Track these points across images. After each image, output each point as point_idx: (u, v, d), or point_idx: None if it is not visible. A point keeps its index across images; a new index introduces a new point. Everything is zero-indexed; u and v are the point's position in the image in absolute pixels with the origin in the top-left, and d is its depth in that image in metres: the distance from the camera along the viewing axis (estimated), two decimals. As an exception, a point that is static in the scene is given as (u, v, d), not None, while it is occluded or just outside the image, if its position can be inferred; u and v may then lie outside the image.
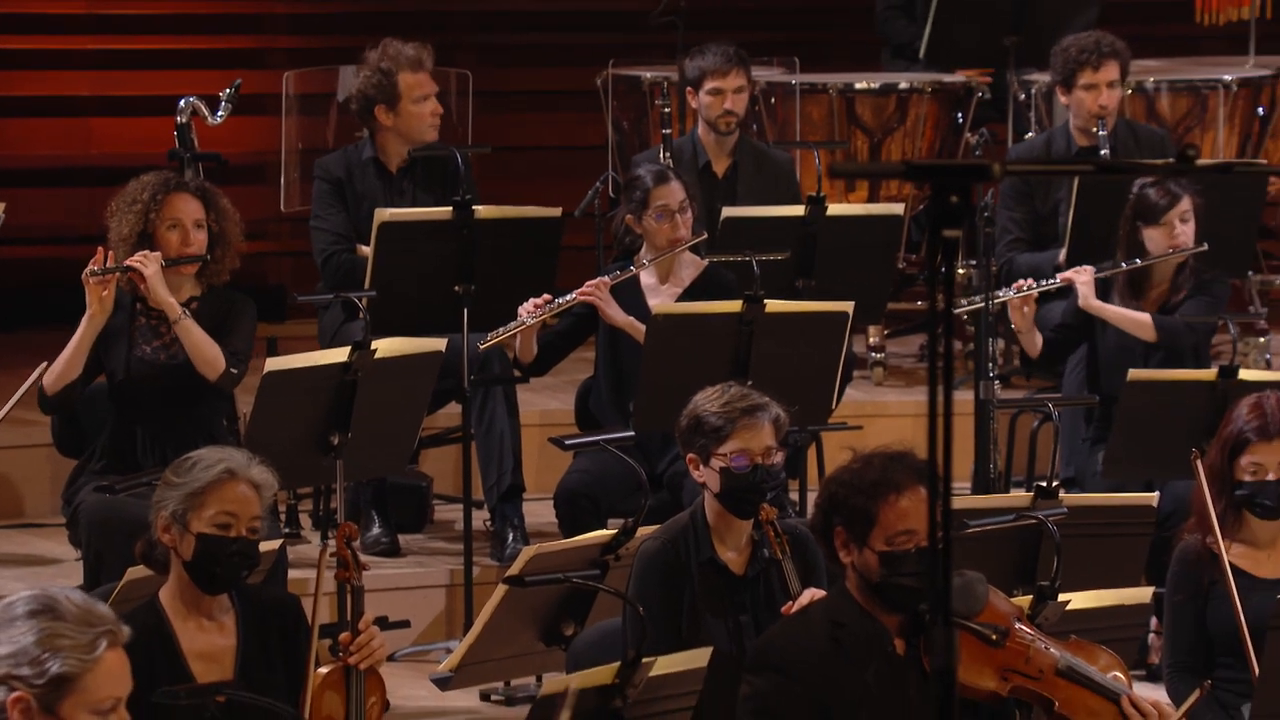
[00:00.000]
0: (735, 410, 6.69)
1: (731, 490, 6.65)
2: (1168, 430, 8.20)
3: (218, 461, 6.03)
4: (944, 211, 3.69)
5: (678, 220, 8.79)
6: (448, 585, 8.96)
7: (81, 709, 4.89)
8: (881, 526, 5.63)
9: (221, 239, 8.26)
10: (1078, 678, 5.69)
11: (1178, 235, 8.98)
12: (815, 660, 5.64)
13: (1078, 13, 10.79)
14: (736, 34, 10.33)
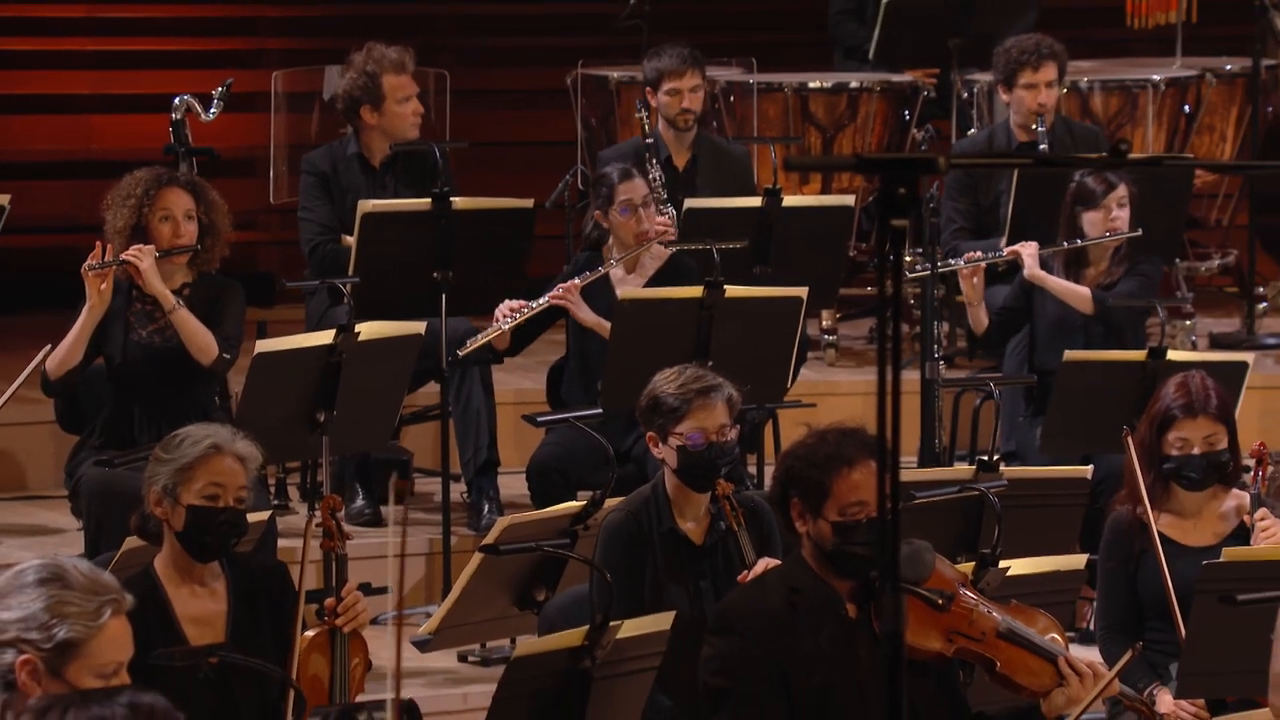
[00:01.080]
0: (691, 391, 6.70)
1: (688, 466, 6.66)
2: (1101, 408, 8.20)
3: (204, 438, 6.03)
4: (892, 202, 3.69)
5: (641, 214, 8.79)
6: (427, 553, 8.94)
7: (86, 672, 4.89)
8: (834, 498, 5.63)
9: (211, 230, 8.25)
10: (1018, 639, 5.69)
11: (1114, 219, 9.01)
12: (773, 623, 5.63)
13: (1017, 17, 10.79)
14: (697, 36, 10.32)
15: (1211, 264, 11.27)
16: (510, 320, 8.66)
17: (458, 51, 12.16)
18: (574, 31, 12.06)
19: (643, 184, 8.84)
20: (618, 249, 8.84)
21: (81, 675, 4.94)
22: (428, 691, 7.90)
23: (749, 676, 5.59)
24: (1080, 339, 8.92)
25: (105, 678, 4.93)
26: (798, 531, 5.70)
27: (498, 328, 8.67)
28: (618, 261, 8.82)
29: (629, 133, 10.71)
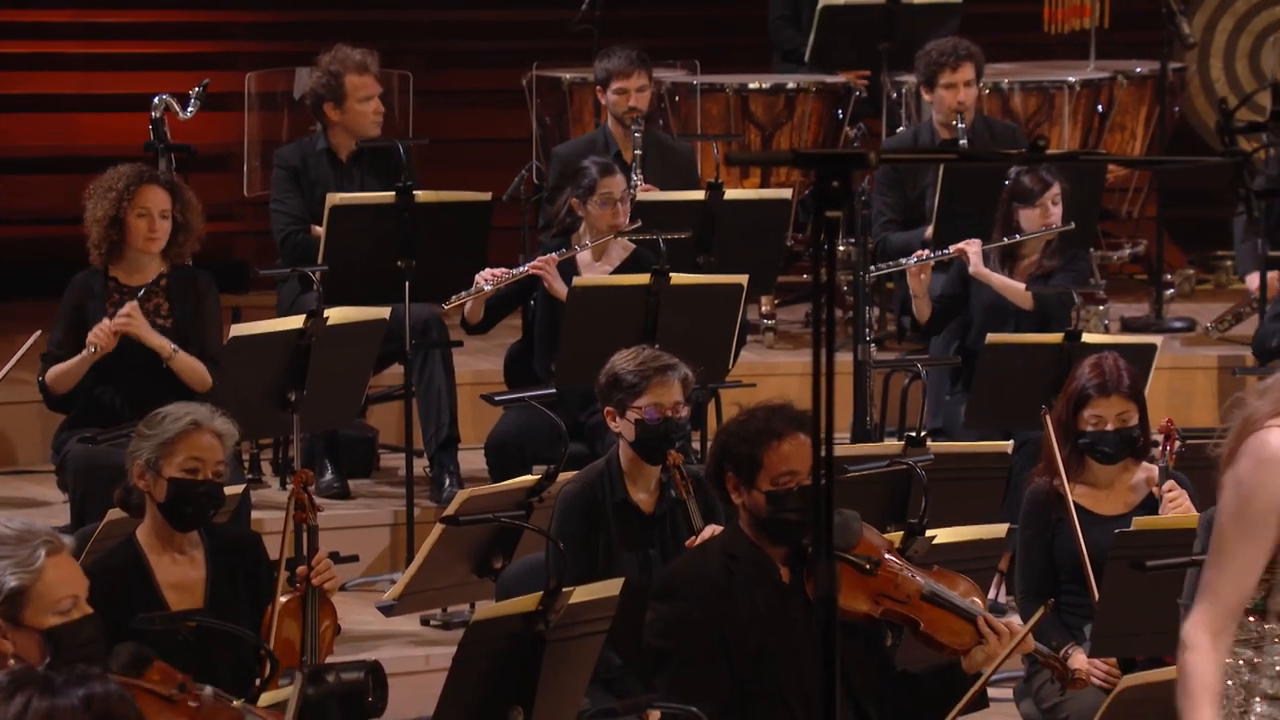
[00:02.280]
0: (649, 369, 6.70)
1: (644, 439, 6.67)
2: (1021, 387, 8.21)
3: (184, 415, 6.03)
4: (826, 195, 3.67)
5: (618, 208, 8.80)
6: (392, 524, 8.93)
7: (43, 613, 4.89)
8: (766, 469, 5.64)
9: (185, 227, 8.24)
10: (940, 601, 5.70)
11: (1050, 215, 9.02)
12: (712, 588, 5.63)
13: (941, 22, 10.79)
14: (645, 40, 10.30)
15: (1123, 253, 11.29)
16: (491, 284, 8.66)
17: (421, 54, 12.12)
18: (529, 36, 12.04)
19: (622, 180, 8.87)
20: (590, 236, 8.84)
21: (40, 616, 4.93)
22: (393, 653, 7.88)
23: (691, 638, 5.59)
24: (1012, 324, 8.94)
25: (64, 613, 4.93)
26: (734, 503, 5.71)
27: (479, 289, 8.67)
28: (589, 245, 8.82)
29: (580, 130, 10.72)
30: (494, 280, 8.68)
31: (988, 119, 10.33)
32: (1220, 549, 4.31)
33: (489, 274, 8.69)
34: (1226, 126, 4.08)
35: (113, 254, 8.19)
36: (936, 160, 9.86)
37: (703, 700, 5.55)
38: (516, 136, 11.30)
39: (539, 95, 11.07)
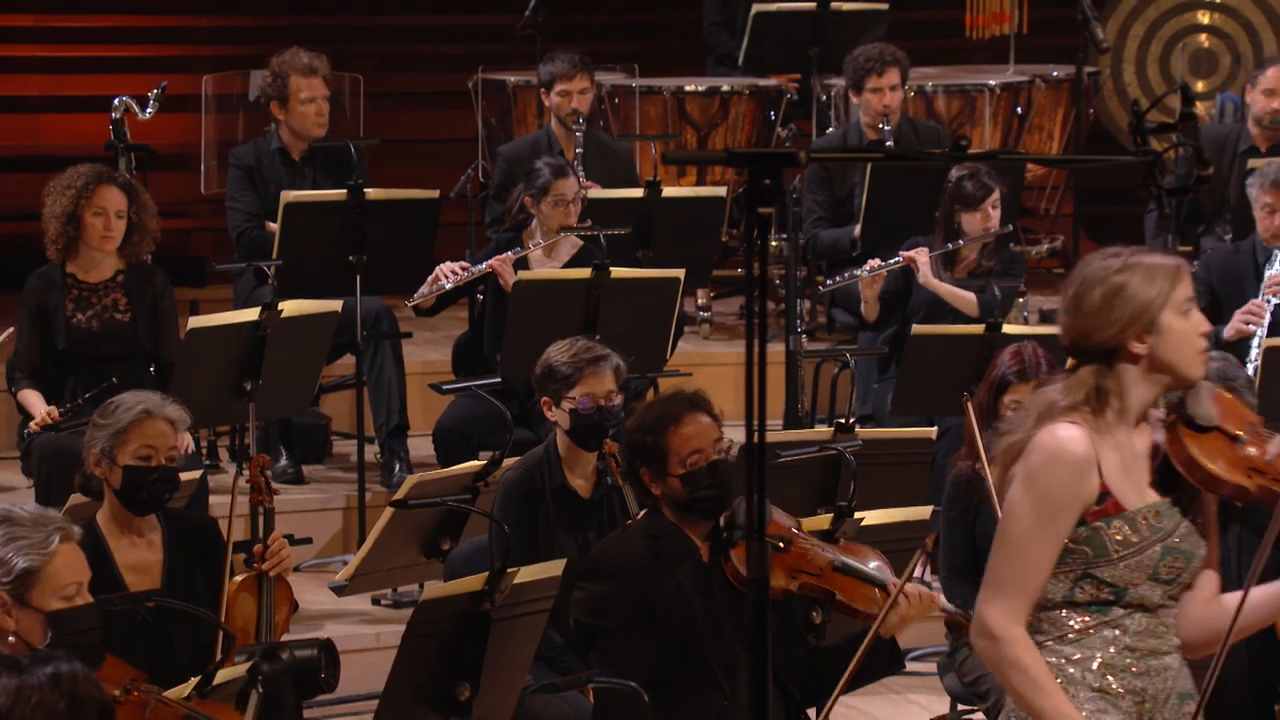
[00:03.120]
0: (582, 361, 6.68)
1: (579, 428, 6.66)
2: (945, 375, 8.22)
3: (136, 404, 6.00)
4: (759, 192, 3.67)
5: (570, 209, 8.80)
6: (344, 508, 8.91)
7: (48, 596, 4.91)
8: (673, 454, 5.64)
9: (140, 228, 8.21)
10: (850, 570, 5.72)
11: (990, 220, 9.03)
12: (637, 567, 5.64)
13: (867, 28, 10.80)
14: (586, 45, 10.29)
15: (1041, 248, 11.32)
16: (451, 281, 8.64)
17: (372, 58, 12.09)
18: (475, 40, 12.02)
19: (574, 182, 8.87)
20: (542, 234, 8.84)
21: (45, 599, 4.95)
22: (344, 631, 7.87)
23: (620, 614, 5.60)
24: (951, 318, 8.94)
25: (68, 598, 4.96)
26: (654, 495, 5.70)
27: (441, 286, 8.66)
28: (541, 245, 8.81)
29: (524, 130, 10.71)
30: (454, 279, 8.66)
31: (912, 120, 10.35)
32: (1019, 542, 4.20)
33: (449, 271, 8.66)
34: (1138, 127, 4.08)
35: (69, 250, 8.17)
36: (864, 160, 9.87)
37: (633, 673, 5.55)
38: (463, 137, 11.28)
39: (485, 97, 11.06)
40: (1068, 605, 4.25)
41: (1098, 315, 4.20)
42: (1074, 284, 4.26)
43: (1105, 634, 4.25)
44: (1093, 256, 4.31)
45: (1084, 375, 4.23)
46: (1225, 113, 11.07)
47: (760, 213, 3.66)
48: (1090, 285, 4.22)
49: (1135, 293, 4.18)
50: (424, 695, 5.44)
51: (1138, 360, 4.21)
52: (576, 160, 9.76)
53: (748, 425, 3.68)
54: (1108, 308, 4.19)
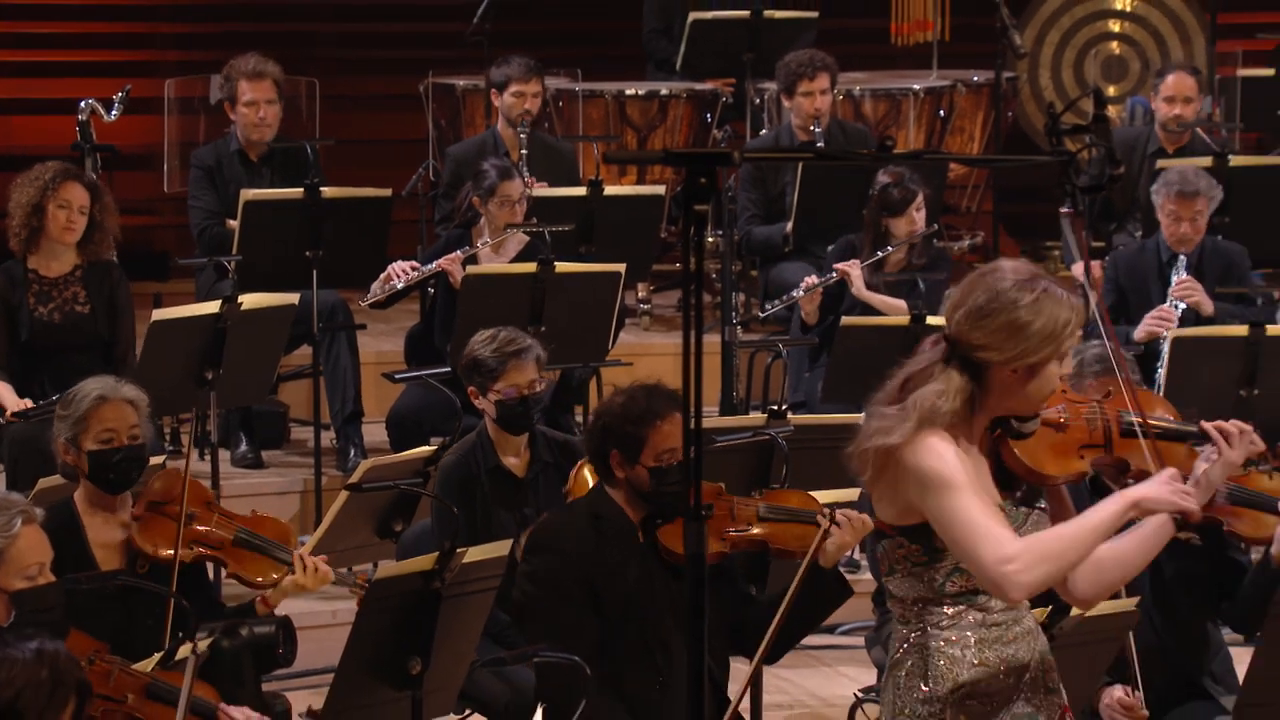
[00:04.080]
0: (504, 354, 6.69)
1: (504, 417, 6.68)
2: (873, 363, 8.15)
3: (92, 391, 5.99)
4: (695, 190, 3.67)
5: (515, 209, 8.80)
6: (301, 491, 8.89)
7: (12, 575, 4.89)
8: (650, 447, 5.64)
9: (100, 227, 8.21)
10: (777, 514, 5.72)
11: (916, 223, 9.03)
12: (580, 543, 5.64)
13: (798, 35, 10.81)
14: (531, 50, 10.28)
15: (963, 244, 11.34)
16: (403, 280, 8.62)
17: (328, 62, 12.04)
18: (426, 46, 11.99)
19: (520, 183, 8.86)
20: (489, 232, 8.83)
21: (8, 578, 4.92)
22: (302, 608, 7.83)
23: (561, 588, 5.60)
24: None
25: (31, 578, 4.93)
26: (616, 477, 5.69)
27: (394, 285, 8.63)
28: (489, 244, 8.80)
29: (472, 132, 10.69)
30: (406, 278, 8.65)
31: (841, 122, 10.36)
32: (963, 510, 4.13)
33: (401, 270, 8.65)
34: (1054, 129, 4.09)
35: (31, 243, 8.14)
36: (795, 159, 9.88)
37: (572, 645, 5.54)
38: (414, 138, 11.25)
39: (435, 100, 11.04)
40: (940, 597, 4.27)
41: (994, 337, 4.18)
42: (982, 293, 4.22)
43: (972, 616, 4.27)
44: (1005, 273, 4.25)
45: (959, 382, 4.21)
46: (1135, 116, 11.12)
47: (697, 210, 3.66)
48: (999, 308, 4.19)
49: (1034, 335, 4.17)
50: (377, 669, 5.43)
51: (1005, 382, 4.21)
52: (522, 160, 9.75)
53: (684, 412, 3.68)
54: (1005, 336, 4.17)
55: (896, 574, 4.30)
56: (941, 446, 4.18)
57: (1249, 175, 9.74)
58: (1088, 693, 5.53)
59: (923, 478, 4.18)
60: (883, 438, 4.22)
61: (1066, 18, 12.19)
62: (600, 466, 5.71)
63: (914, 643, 4.28)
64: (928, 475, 4.18)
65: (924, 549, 4.24)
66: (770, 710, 6.46)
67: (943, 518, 4.18)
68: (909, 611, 4.29)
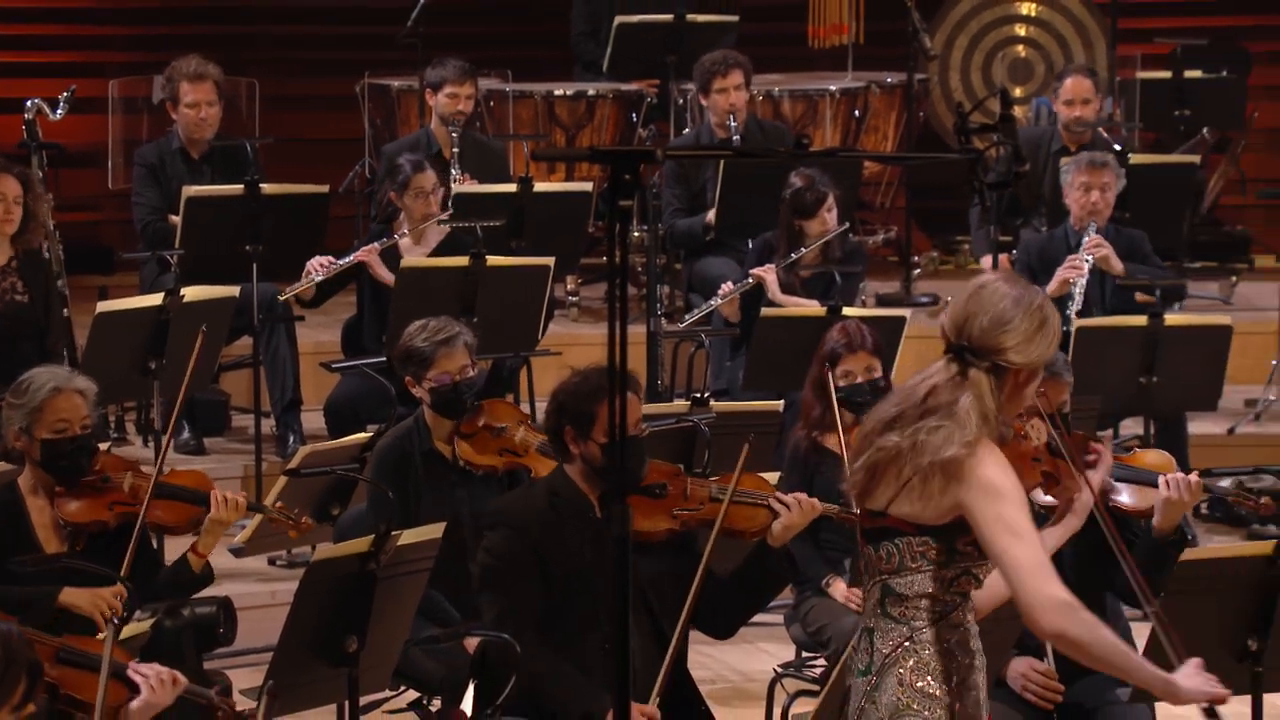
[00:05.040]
0: (435, 343, 6.67)
1: (438, 403, 6.65)
2: (790, 353, 8.23)
3: (46, 382, 5.94)
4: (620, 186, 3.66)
5: (430, 199, 8.78)
6: (242, 476, 8.85)
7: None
8: (602, 423, 5.62)
9: (33, 217, 8.16)
10: (734, 496, 5.70)
11: (828, 223, 9.04)
12: (535, 519, 5.63)
13: (719, 38, 10.82)
14: (464, 52, 10.26)
15: (877, 238, 11.38)
16: (320, 274, 8.60)
17: (267, 64, 11.98)
18: (362, 48, 11.94)
19: (432, 174, 8.83)
20: (408, 225, 8.81)
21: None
22: (242, 589, 7.80)
23: (512, 558, 5.59)
24: None
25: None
26: (571, 452, 5.68)
27: (310, 280, 8.60)
28: (407, 234, 8.78)
29: (407, 130, 10.67)
30: (323, 270, 8.63)
31: (760, 121, 10.37)
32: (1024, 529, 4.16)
33: (318, 265, 8.63)
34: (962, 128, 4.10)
35: None
36: (716, 156, 9.89)
37: (521, 616, 5.52)
38: (350, 136, 11.22)
39: (370, 100, 11.02)
40: (947, 596, 4.29)
41: (1022, 339, 4.23)
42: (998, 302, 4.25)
43: (969, 615, 4.32)
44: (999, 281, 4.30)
45: (987, 384, 4.25)
46: (1040, 116, 11.18)
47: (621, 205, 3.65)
48: (1022, 313, 4.24)
49: (1049, 331, 4.27)
50: (315, 647, 5.40)
51: (1014, 386, 4.27)
52: (454, 158, 9.73)
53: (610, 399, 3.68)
54: (1029, 338, 4.24)
55: (907, 571, 4.28)
56: (1001, 458, 4.21)
57: (1147, 172, 9.82)
58: (995, 665, 5.56)
59: (987, 486, 4.17)
60: (948, 450, 4.19)
61: (975, 22, 12.24)
62: (557, 444, 5.70)
63: (917, 640, 4.28)
64: (992, 485, 4.18)
65: (946, 549, 4.24)
66: (693, 685, 6.46)
67: (998, 529, 4.17)
68: (910, 609, 4.28)
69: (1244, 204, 12.10)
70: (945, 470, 4.19)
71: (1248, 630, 5.41)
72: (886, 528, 4.28)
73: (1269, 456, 9.52)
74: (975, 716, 4.30)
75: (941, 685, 4.27)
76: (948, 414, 4.21)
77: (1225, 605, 5.39)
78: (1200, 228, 11.35)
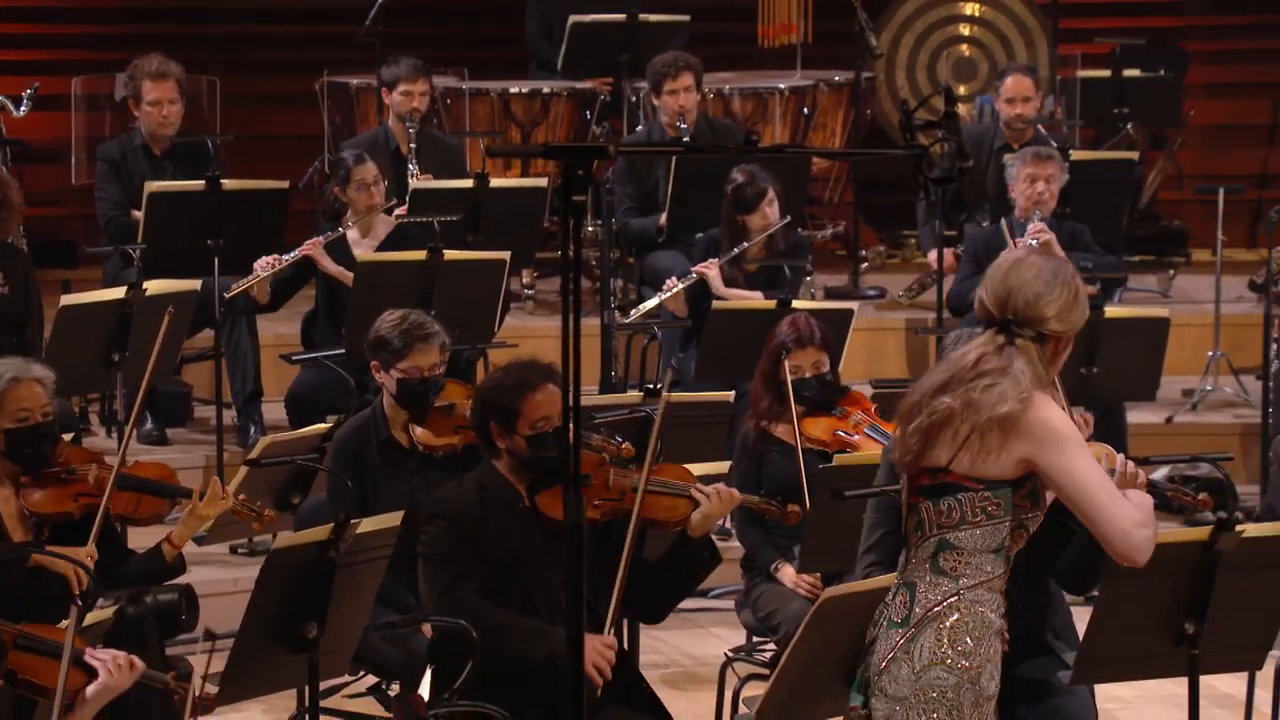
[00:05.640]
0: (412, 336, 6.65)
1: (404, 395, 6.64)
2: (741, 346, 8.24)
3: (4, 372, 5.94)
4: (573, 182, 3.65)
5: (373, 191, 8.77)
6: (204, 466, 8.81)
7: None
8: (525, 417, 5.63)
9: (6, 204, 8.09)
10: (654, 487, 5.70)
11: (769, 217, 9.04)
12: (467, 510, 5.64)
13: (671, 38, 10.81)
14: (421, 51, 10.24)
15: (826, 233, 11.39)
16: (266, 270, 8.58)
17: (228, 63, 11.94)
18: (321, 47, 11.90)
19: (373, 166, 8.82)
20: (353, 217, 8.80)
21: None
22: (204, 576, 7.77)
23: (449, 548, 5.61)
24: None
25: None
26: (497, 448, 5.68)
27: (256, 276, 8.58)
28: (353, 224, 8.77)
29: (365, 128, 10.64)
30: (269, 266, 8.61)
31: (710, 119, 10.38)
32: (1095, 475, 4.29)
33: (265, 263, 8.62)
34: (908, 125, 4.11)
35: None
36: (667, 153, 9.90)
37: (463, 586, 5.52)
38: (310, 133, 11.19)
39: (329, 98, 10.99)
40: (995, 553, 4.34)
41: (1063, 309, 4.40)
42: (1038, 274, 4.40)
43: (1004, 580, 4.36)
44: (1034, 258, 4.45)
45: (1033, 353, 4.37)
46: (983, 114, 11.21)
47: (574, 200, 3.65)
48: (1061, 284, 4.41)
49: (1082, 304, 4.44)
50: (276, 634, 5.39)
51: (1053, 355, 4.41)
52: (411, 154, 9.72)
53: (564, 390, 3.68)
54: (1069, 308, 4.41)
55: (968, 525, 4.33)
56: (1055, 405, 4.33)
57: (1087, 169, 9.86)
58: None
59: (1048, 432, 4.28)
60: (1003, 406, 4.29)
61: (920, 22, 12.26)
62: (484, 440, 5.70)
63: (963, 598, 4.33)
64: (1055, 430, 4.29)
65: (1005, 504, 4.31)
66: (646, 669, 6.46)
67: (1068, 471, 4.28)
68: (964, 564, 4.33)
69: (1181, 199, 12.16)
70: (1003, 425, 4.29)
71: (1184, 614, 5.44)
72: (948, 483, 4.34)
73: (1206, 445, 9.57)
74: (987, 691, 4.33)
75: (975, 650, 4.31)
76: (1001, 374, 4.33)
77: (1163, 590, 5.42)
78: (1139, 222, 11.40)
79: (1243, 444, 9.58)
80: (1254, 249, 11.84)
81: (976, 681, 4.30)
